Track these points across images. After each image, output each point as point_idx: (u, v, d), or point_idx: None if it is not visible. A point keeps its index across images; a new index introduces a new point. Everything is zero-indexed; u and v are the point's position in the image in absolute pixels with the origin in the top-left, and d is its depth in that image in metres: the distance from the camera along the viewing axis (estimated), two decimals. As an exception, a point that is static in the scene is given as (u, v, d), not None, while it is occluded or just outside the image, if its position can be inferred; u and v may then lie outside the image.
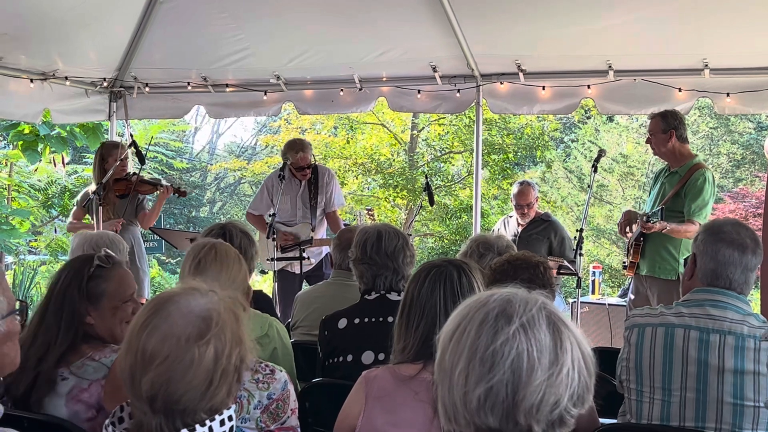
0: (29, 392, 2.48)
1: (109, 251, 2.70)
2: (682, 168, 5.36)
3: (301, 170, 6.35)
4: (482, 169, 10.61)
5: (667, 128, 5.36)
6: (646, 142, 5.61)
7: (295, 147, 6.36)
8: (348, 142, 16.92)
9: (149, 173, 6.92)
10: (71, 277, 2.60)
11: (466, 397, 1.37)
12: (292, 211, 6.45)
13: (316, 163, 6.54)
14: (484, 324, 1.39)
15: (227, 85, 7.26)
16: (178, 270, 4.83)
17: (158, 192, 6.45)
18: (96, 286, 2.60)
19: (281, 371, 2.44)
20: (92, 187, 6.32)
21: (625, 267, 5.71)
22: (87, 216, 6.41)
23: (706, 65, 5.97)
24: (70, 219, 6.87)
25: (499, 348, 1.35)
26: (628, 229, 5.60)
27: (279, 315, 4.88)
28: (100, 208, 5.93)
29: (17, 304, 1.91)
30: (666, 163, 5.61)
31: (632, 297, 5.62)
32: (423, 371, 2.34)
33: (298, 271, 6.09)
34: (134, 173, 6.43)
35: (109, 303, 2.60)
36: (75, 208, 6.64)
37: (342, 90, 7.08)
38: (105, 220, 6.10)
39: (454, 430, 1.44)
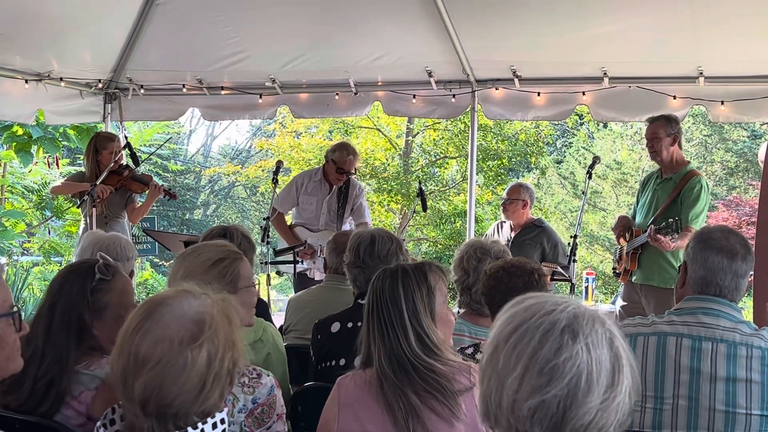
0: (36, 406, 2.43)
1: (106, 256, 2.65)
2: (677, 175, 5.33)
3: (341, 173, 6.19)
4: (477, 174, 10.61)
5: (671, 132, 5.34)
6: (649, 146, 5.43)
7: (348, 149, 6.24)
8: (343, 146, 16.84)
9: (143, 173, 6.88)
10: (76, 291, 2.54)
11: (515, 404, 1.36)
12: (316, 213, 6.28)
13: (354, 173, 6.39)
14: (549, 335, 1.36)
15: (222, 88, 7.25)
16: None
17: (148, 191, 6.42)
18: (99, 299, 2.55)
19: (268, 376, 2.42)
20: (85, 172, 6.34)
21: (617, 274, 5.68)
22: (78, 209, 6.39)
23: (701, 73, 5.99)
24: (58, 183, 6.84)
25: (561, 364, 1.34)
26: (622, 234, 5.59)
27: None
28: (94, 209, 5.92)
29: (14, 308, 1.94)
30: (656, 169, 5.60)
31: (623, 304, 5.59)
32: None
33: (315, 277, 5.92)
34: (127, 166, 6.43)
35: (113, 314, 2.54)
36: (67, 178, 6.62)
37: (337, 94, 7.07)
38: (99, 213, 6.07)
39: (492, 427, 1.43)
